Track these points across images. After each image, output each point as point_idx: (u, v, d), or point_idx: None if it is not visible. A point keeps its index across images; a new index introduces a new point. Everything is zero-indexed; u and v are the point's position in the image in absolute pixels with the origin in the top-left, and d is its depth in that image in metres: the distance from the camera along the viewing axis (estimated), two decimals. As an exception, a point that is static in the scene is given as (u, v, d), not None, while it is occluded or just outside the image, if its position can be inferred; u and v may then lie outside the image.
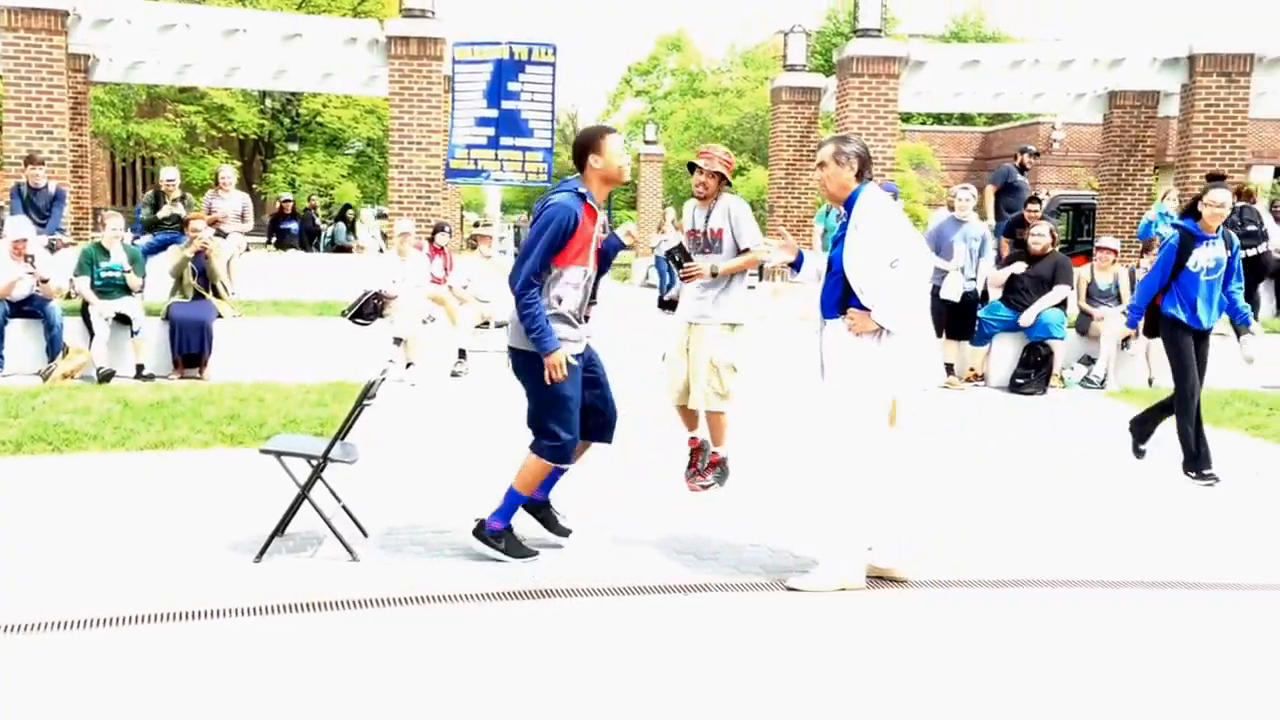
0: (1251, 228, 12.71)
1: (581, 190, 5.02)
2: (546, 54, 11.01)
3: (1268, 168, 29.97)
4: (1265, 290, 13.71)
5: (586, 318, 5.16)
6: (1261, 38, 16.67)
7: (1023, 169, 14.05)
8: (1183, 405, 7.19)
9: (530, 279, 4.89)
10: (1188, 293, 7.10)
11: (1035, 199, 12.55)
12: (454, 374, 10.91)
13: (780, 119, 20.42)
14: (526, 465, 5.13)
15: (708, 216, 6.09)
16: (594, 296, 5.19)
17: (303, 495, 5.19)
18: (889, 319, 4.70)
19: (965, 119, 37.46)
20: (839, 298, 4.86)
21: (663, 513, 5.99)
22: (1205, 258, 7.07)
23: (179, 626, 4.28)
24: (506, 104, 11.06)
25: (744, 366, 6.00)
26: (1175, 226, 7.35)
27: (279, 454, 5.18)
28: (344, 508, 5.44)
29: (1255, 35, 16.72)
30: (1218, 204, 7.02)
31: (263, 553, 5.05)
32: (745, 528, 5.73)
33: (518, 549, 5.15)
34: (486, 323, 11.55)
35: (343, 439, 5.36)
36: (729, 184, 6.16)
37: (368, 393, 5.32)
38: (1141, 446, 7.61)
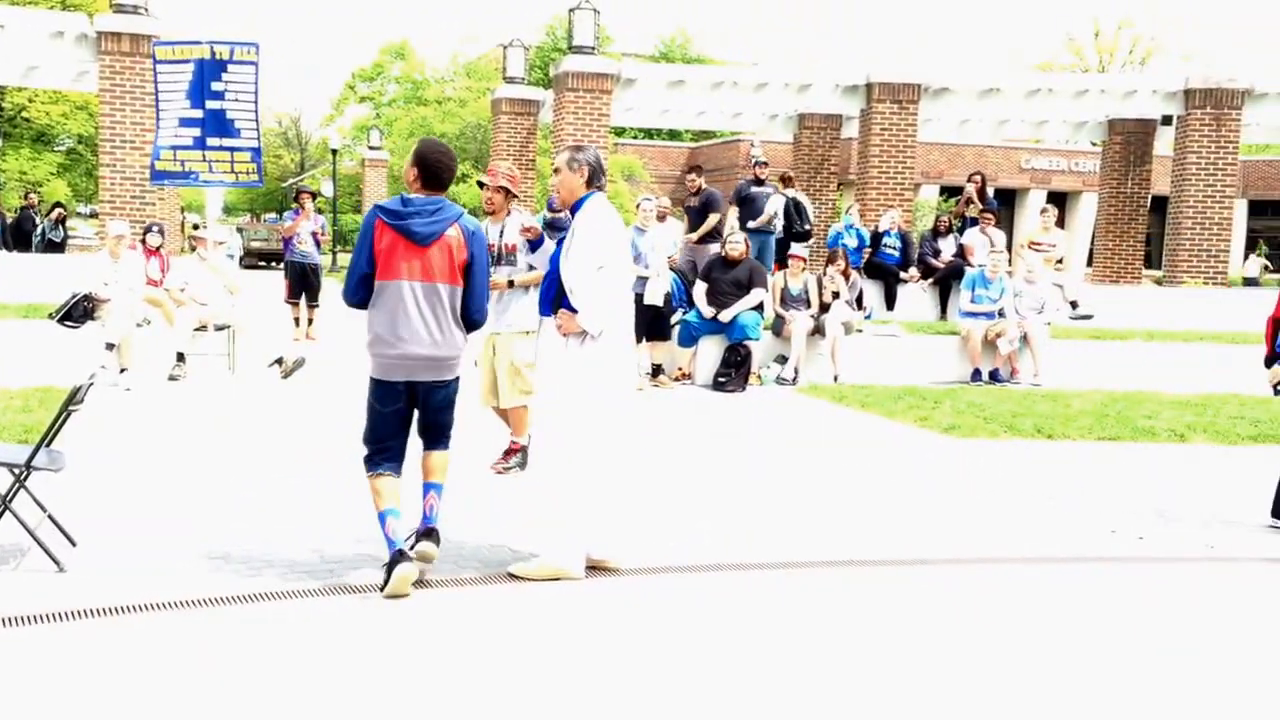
0: None
1: None
2: (249, 53, 10.55)
3: (934, 186, 32.63)
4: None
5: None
6: (928, 70, 18.18)
7: (758, 181, 14.56)
8: None
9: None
10: None
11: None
12: (172, 377, 10.31)
13: (501, 129, 20.49)
14: (445, 463, 4.99)
15: (501, 232, 6.50)
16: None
17: (3, 505, 4.77)
18: (592, 322, 4.79)
19: (674, 134, 38.72)
20: (553, 297, 4.95)
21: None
22: None
23: None
24: (211, 104, 10.52)
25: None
26: None
27: (-24, 463, 4.75)
28: (50, 517, 5.03)
29: (923, 68, 18.22)
30: None
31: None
32: (467, 525, 5.72)
33: None
34: (204, 326, 10.96)
35: (48, 445, 4.96)
36: (515, 198, 6.48)
37: (74, 397, 4.96)
38: None
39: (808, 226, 14.25)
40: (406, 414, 4.84)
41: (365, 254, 4.72)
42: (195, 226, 12.10)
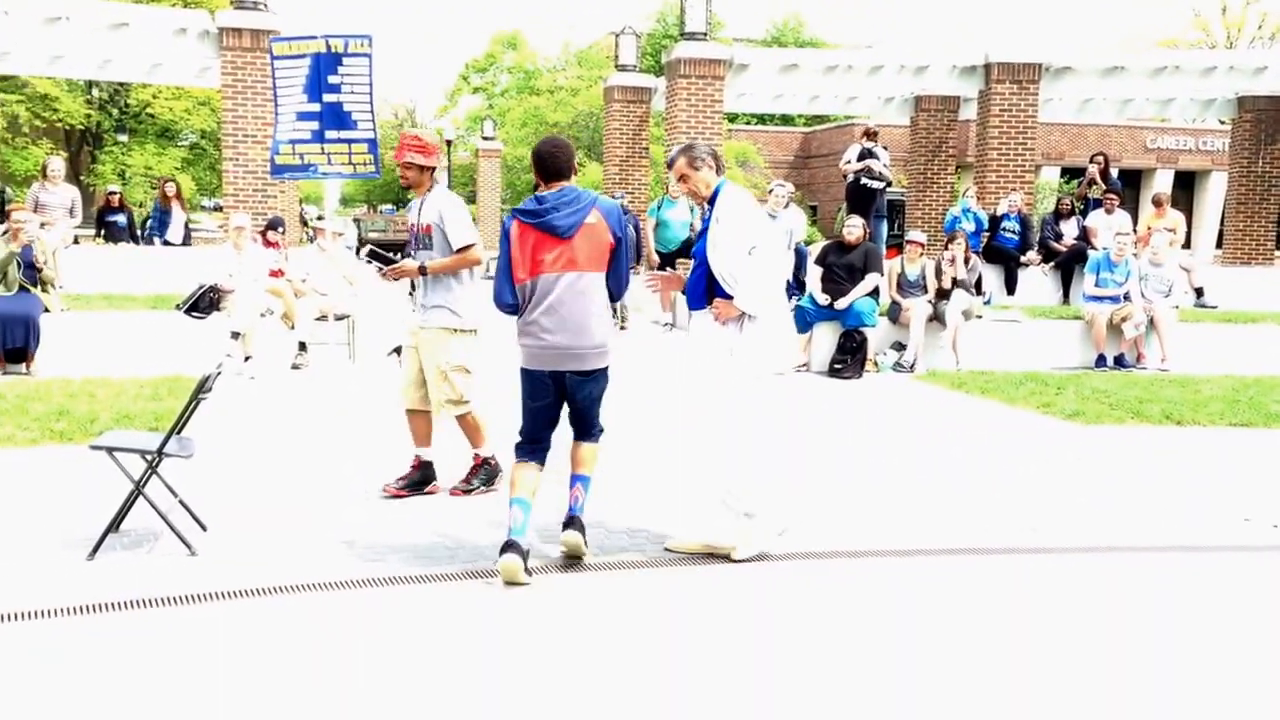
0: None
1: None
2: (363, 45, 10.76)
3: (1055, 168, 31.69)
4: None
5: None
6: (1049, 49, 17.62)
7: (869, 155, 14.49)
8: None
9: None
10: None
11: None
12: (294, 366, 10.62)
13: (613, 117, 20.51)
14: (594, 456, 5.04)
15: (419, 209, 5.82)
16: None
17: (137, 491, 4.97)
18: (749, 304, 4.85)
19: (786, 119, 38.35)
20: (704, 289, 5.00)
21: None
22: None
23: (8, 627, 4.05)
24: (328, 97, 10.76)
25: (477, 368, 5.93)
26: None
27: (111, 449, 4.95)
28: (181, 502, 5.23)
29: (1044, 47, 17.66)
30: None
31: (96, 550, 4.82)
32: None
33: None
34: (325, 316, 11.25)
35: (179, 433, 5.15)
36: (433, 170, 5.74)
37: (203, 386, 5.13)
38: None
39: (881, 171, 14.04)
40: (555, 407, 4.94)
41: (509, 258, 4.82)
42: (319, 218, 12.40)
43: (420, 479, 6.02)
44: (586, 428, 5.01)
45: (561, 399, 4.92)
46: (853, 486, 6.46)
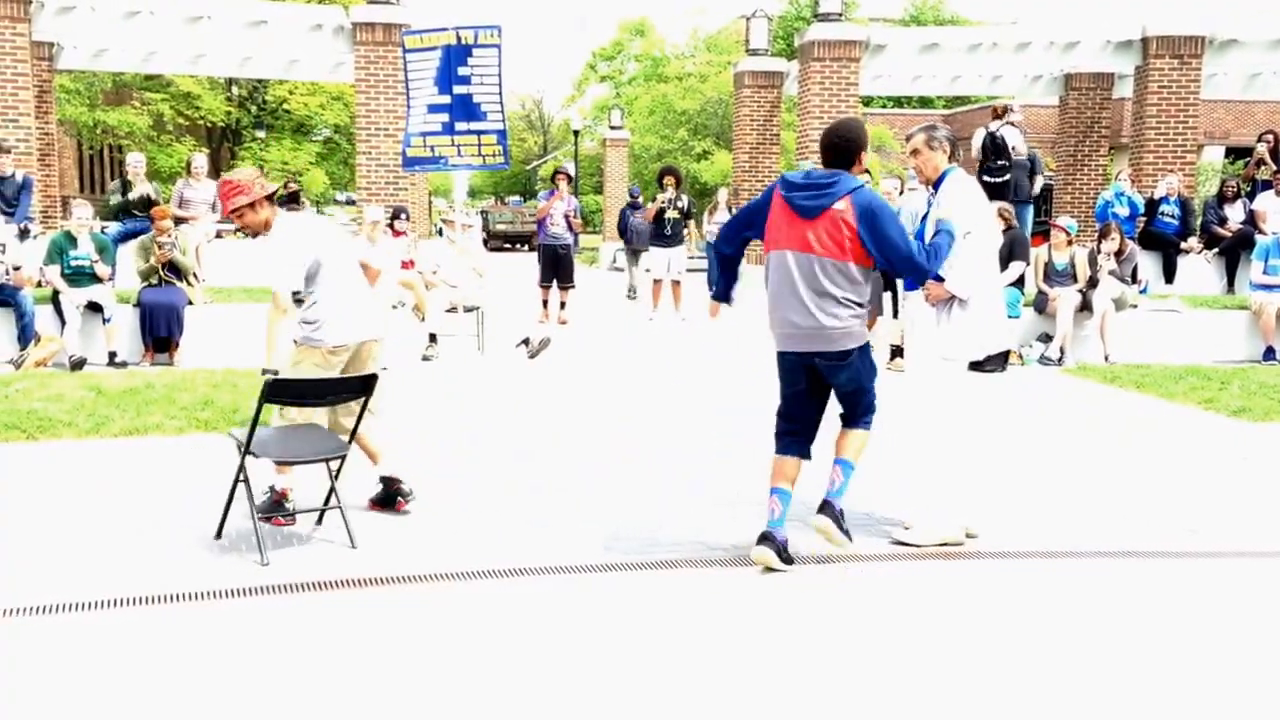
0: None
1: None
2: (492, 36, 10.95)
3: (1219, 148, 30.30)
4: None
5: None
6: (1213, 20, 16.85)
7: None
8: None
9: None
10: None
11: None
12: (424, 358, 10.91)
13: (743, 103, 20.44)
14: (859, 441, 5.02)
15: None
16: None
17: (333, 481, 5.16)
18: (960, 287, 4.96)
19: (925, 102, 37.58)
20: None
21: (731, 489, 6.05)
22: None
23: (161, 609, 4.29)
24: (458, 89, 11.00)
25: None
26: None
27: (239, 442, 5.11)
28: (333, 491, 5.36)
29: (1207, 18, 16.90)
30: None
31: (259, 545, 5.02)
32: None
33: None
34: (455, 308, 11.54)
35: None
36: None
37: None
38: None
39: (1002, 162, 13.45)
40: (809, 395, 4.92)
41: (751, 214, 4.99)
42: (450, 208, 12.70)
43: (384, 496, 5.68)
44: (851, 414, 4.99)
45: (817, 386, 4.91)
46: (1003, 485, 6.31)
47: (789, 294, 4.77)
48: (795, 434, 4.93)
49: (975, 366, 10.79)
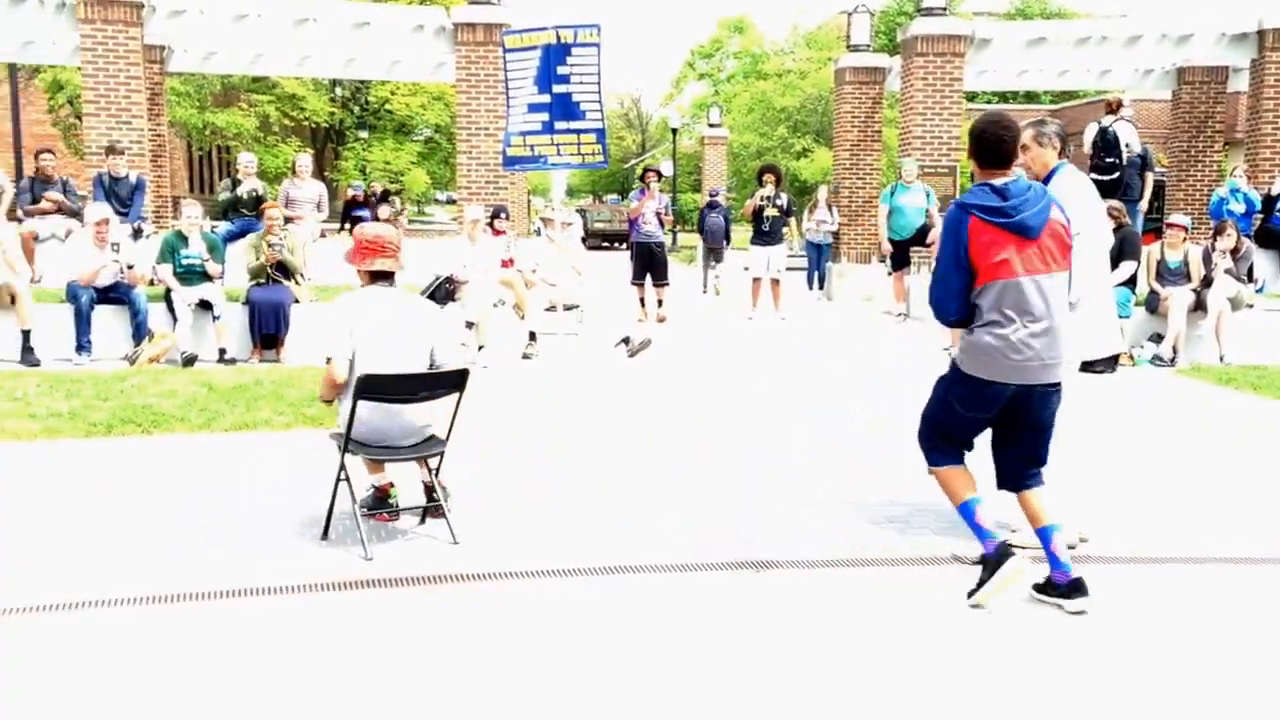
0: None
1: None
2: (591, 35, 11.03)
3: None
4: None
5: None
6: (1337, 9, 16.21)
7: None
8: None
9: None
10: None
11: None
12: (525, 356, 11.04)
13: (844, 100, 20.25)
14: (1051, 497, 4.58)
15: None
16: None
17: (434, 476, 5.26)
18: (1073, 289, 4.77)
19: (1030, 97, 36.80)
20: None
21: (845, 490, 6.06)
22: None
23: (270, 600, 4.43)
24: (557, 88, 11.11)
25: None
26: None
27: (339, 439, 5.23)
28: (437, 485, 5.44)
29: (1330, 8, 16.26)
30: None
31: (363, 541, 5.14)
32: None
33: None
34: (554, 306, 11.66)
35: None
36: None
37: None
38: None
39: (1111, 160, 13.02)
40: (988, 424, 4.50)
41: (962, 261, 4.28)
42: (548, 207, 12.88)
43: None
44: (1039, 457, 4.51)
45: (1001, 418, 4.45)
46: (1113, 488, 6.17)
47: (1037, 323, 4.26)
48: (968, 448, 4.56)
49: (1085, 367, 10.54)
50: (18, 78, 24.48)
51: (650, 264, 14.15)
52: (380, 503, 5.43)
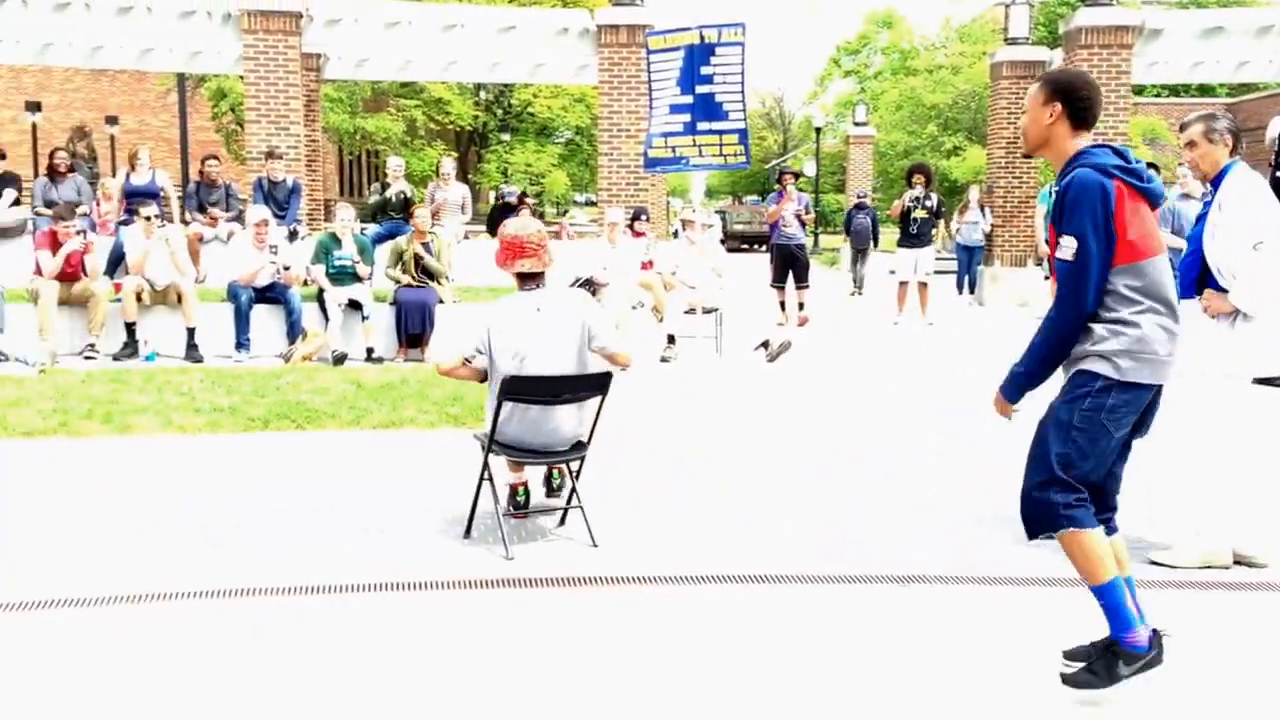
0: None
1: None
2: (736, 34, 11.05)
3: None
4: None
5: None
6: None
7: None
8: None
9: None
10: None
11: None
12: (662, 359, 11.14)
13: (1000, 95, 19.79)
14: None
15: None
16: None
17: (573, 479, 5.40)
18: (1247, 302, 4.67)
19: (1205, 90, 35.34)
20: (1195, 277, 4.87)
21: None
22: None
23: (414, 595, 4.61)
24: (700, 88, 11.16)
25: None
26: None
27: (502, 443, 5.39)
28: (575, 491, 5.57)
29: None
30: None
31: (504, 540, 5.29)
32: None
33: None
34: (693, 309, 11.72)
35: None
36: None
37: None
38: None
39: None
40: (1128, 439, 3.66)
41: (1110, 237, 3.46)
42: (692, 209, 12.95)
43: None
44: (1118, 483, 3.73)
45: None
46: None
47: (1174, 310, 3.57)
48: (1102, 497, 3.63)
49: (1263, 381, 10.10)
50: (185, 87, 25.86)
51: (791, 266, 14.11)
52: (509, 499, 5.57)
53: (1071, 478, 3.47)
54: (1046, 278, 14.72)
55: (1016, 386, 3.61)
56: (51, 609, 4.37)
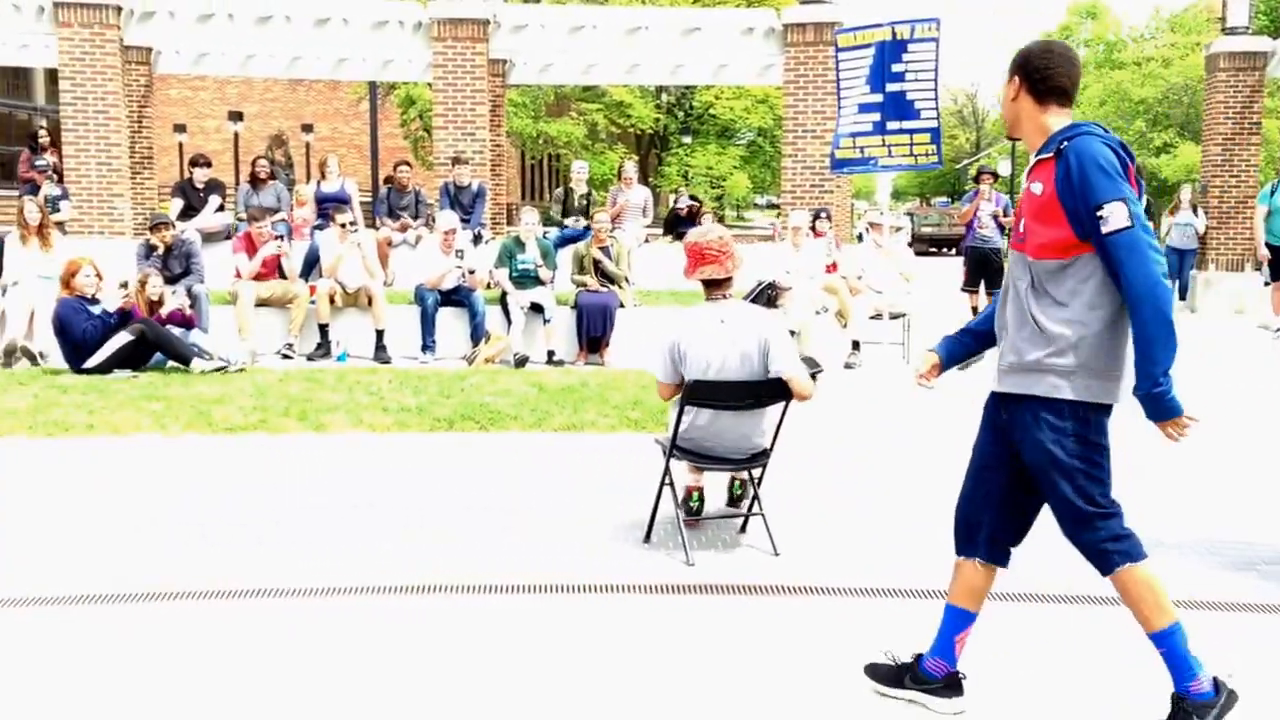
0: None
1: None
2: (930, 29, 10.82)
3: None
4: None
5: None
6: None
7: None
8: None
9: None
10: None
11: None
12: (847, 366, 11.04)
13: (1216, 89, 18.84)
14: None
15: None
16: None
17: (755, 486, 5.46)
18: None
19: None
20: None
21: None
22: None
23: (589, 598, 4.72)
24: (891, 86, 10.98)
25: None
26: None
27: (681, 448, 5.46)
28: (756, 497, 5.58)
29: None
30: None
31: (684, 546, 5.38)
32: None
33: None
34: (880, 314, 11.57)
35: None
36: None
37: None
38: None
39: None
40: None
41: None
42: (879, 211, 12.78)
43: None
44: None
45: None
46: None
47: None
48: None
49: None
50: (376, 95, 27.05)
51: (985, 270, 13.75)
52: (683, 503, 5.60)
53: (1116, 506, 3.37)
54: (1267, 283, 13.94)
55: (1168, 398, 3.28)
56: (264, 598, 4.66)
